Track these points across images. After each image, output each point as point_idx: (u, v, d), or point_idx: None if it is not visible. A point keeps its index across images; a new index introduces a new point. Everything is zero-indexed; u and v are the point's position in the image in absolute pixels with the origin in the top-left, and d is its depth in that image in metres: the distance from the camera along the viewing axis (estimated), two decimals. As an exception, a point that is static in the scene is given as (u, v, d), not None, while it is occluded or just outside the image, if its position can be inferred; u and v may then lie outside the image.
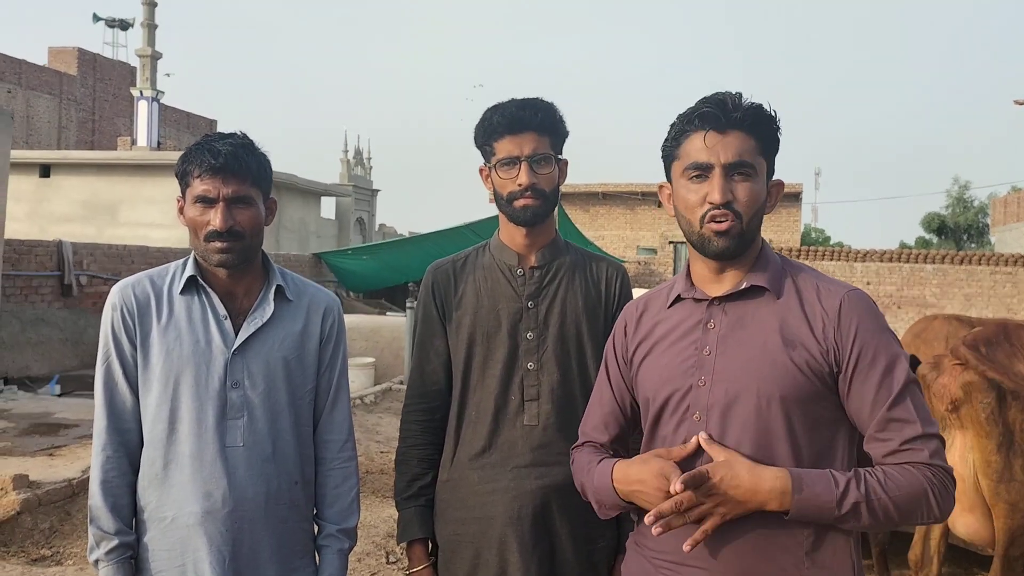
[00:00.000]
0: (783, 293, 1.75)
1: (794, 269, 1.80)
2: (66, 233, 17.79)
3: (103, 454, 2.04)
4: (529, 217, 2.20)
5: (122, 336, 2.07)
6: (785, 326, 1.71)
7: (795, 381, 1.67)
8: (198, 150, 2.04)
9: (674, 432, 1.77)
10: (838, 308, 1.70)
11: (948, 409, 3.65)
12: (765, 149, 1.75)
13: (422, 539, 2.26)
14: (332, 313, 2.24)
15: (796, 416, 1.68)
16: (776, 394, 1.67)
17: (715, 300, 1.79)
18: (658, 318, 1.88)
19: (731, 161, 1.71)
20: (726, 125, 1.72)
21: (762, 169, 1.75)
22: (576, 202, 31.01)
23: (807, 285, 1.76)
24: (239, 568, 2.03)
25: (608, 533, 2.22)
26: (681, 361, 1.78)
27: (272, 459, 2.08)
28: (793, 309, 1.73)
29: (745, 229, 1.72)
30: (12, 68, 32.66)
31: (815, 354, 1.68)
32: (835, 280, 1.78)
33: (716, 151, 1.71)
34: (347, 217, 28.57)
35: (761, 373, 1.69)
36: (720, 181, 1.71)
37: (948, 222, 44.92)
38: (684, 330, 1.81)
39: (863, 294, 1.74)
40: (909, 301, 20.96)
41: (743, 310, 1.76)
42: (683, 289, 1.85)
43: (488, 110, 2.23)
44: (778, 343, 1.70)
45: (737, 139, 1.71)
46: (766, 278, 1.76)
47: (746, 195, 1.72)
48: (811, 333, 1.69)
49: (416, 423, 2.30)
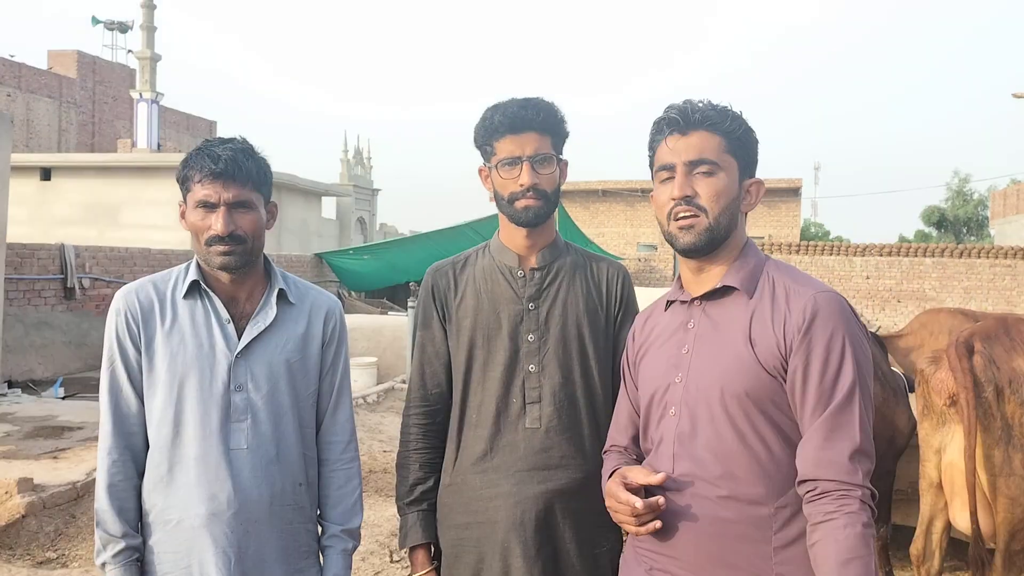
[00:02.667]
0: (755, 293, 1.80)
1: (774, 269, 1.84)
2: (68, 236, 17.82)
3: (109, 458, 2.06)
4: (531, 218, 2.19)
5: (126, 341, 2.09)
6: (754, 325, 1.76)
7: (758, 378, 1.73)
8: (198, 155, 2.06)
9: (656, 428, 1.86)
10: (803, 309, 1.72)
11: (947, 404, 3.66)
12: (732, 148, 1.81)
13: (425, 544, 2.25)
14: (334, 316, 2.26)
15: (761, 413, 1.73)
16: (740, 390, 1.73)
17: (696, 300, 1.86)
18: (655, 322, 1.98)
19: (691, 159, 1.79)
20: (687, 126, 1.80)
21: (729, 166, 1.81)
22: (576, 199, 31.00)
23: (780, 285, 1.80)
24: (245, 569, 2.05)
25: (612, 536, 2.22)
26: (665, 361, 1.87)
27: (276, 461, 2.10)
28: (763, 309, 1.78)
29: (712, 224, 1.79)
30: (12, 72, 32.63)
31: (777, 353, 1.72)
32: (811, 281, 1.81)
33: (678, 151, 1.80)
34: (348, 217, 28.59)
35: (728, 370, 1.75)
36: (681, 178, 1.79)
37: (948, 215, 44.83)
38: (671, 331, 1.90)
39: (833, 296, 1.75)
40: (909, 295, 20.98)
41: (718, 310, 1.83)
42: (673, 292, 1.95)
43: (488, 109, 2.21)
44: (744, 341, 1.75)
45: (699, 139, 1.80)
46: (740, 278, 1.81)
47: (708, 190, 1.79)
48: (773, 332, 1.73)
49: (417, 426, 2.29)
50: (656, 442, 1.85)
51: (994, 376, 3.68)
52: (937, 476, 3.77)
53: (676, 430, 1.79)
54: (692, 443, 1.77)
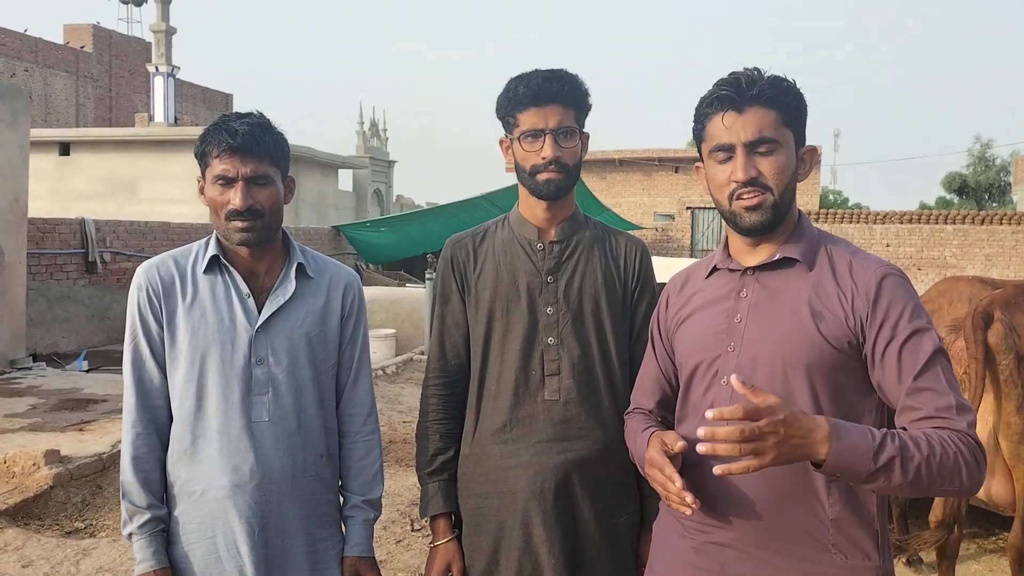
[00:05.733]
0: (815, 265, 1.78)
1: (830, 242, 1.83)
2: (87, 210, 17.96)
3: (133, 431, 2.09)
4: (552, 191, 2.19)
5: (148, 316, 2.11)
6: (815, 297, 1.74)
7: (821, 351, 1.70)
8: (216, 130, 2.07)
9: (703, 396, 1.83)
10: (869, 283, 1.71)
11: (966, 372, 3.65)
12: (789, 120, 1.77)
13: (446, 513, 2.28)
14: (352, 289, 2.27)
15: (820, 385, 1.70)
16: (801, 362, 1.71)
17: (749, 270, 1.83)
18: (696, 288, 1.94)
19: (752, 139, 1.74)
20: (743, 103, 1.74)
21: (788, 140, 1.77)
22: (593, 169, 30.85)
23: (840, 259, 1.78)
24: (268, 539, 2.09)
25: (631, 507, 2.24)
26: (713, 328, 1.84)
27: (297, 433, 2.13)
28: (825, 281, 1.75)
29: (778, 201, 1.76)
30: (29, 46, 32.75)
31: (843, 325, 1.70)
32: (871, 255, 1.80)
33: (736, 130, 1.75)
34: (364, 189, 28.61)
35: (788, 341, 1.72)
36: (743, 160, 1.74)
37: (969, 181, 44.29)
38: (718, 299, 1.87)
39: (898, 272, 1.75)
40: (929, 262, 20.81)
41: (775, 280, 1.80)
42: (720, 260, 1.91)
43: (512, 80, 2.19)
44: (807, 313, 1.73)
45: (756, 115, 1.74)
46: (799, 250, 1.79)
47: (771, 168, 1.75)
48: (840, 305, 1.71)
49: (436, 397, 2.31)
50: (703, 409, 1.79)
51: (1015, 344, 3.66)
52: (956, 444, 3.76)
53: (729, 400, 1.73)
54: None
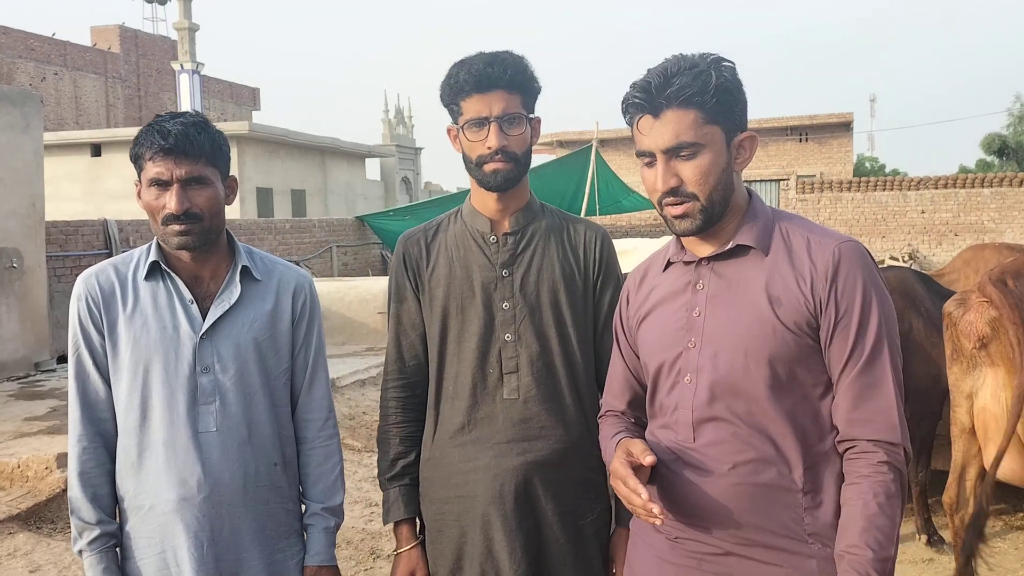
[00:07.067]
0: (771, 249, 1.70)
1: (786, 222, 1.74)
2: (121, 211, 18.11)
3: (79, 445, 2.05)
4: (500, 182, 2.09)
5: (89, 327, 2.06)
6: (772, 283, 1.67)
7: (783, 340, 1.64)
8: (148, 132, 2.00)
9: (668, 396, 1.77)
10: (826, 261, 1.64)
11: (976, 347, 3.49)
12: (713, 116, 1.65)
13: (408, 519, 2.20)
14: (303, 291, 2.20)
15: (785, 377, 1.65)
16: (764, 354, 1.64)
17: (703, 260, 1.75)
18: (654, 283, 1.87)
19: (669, 146, 1.65)
20: (658, 108, 1.64)
21: (712, 138, 1.66)
22: (619, 147, 30.50)
23: (797, 239, 1.70)
24: (218, 552, 2.02)
25: (598, 507, 2.15)
26: (673, 324, 1.77)
27: (248, 442, 2.06)
28: (781, 265, 1.68)
29: (706, 206, 1.68)
30: (57, 50, 33.14)
31: (803, 310, 1.64)
32: (829, 231, 1.72)
33: (653, 137, 1.66)
34: (392, 177, 28.63)
35: (750, 333, 1.66)
36: (662, 169, 1.66)
37: (1010, 142, 43.11)
38: (675, 293, 1.79)
39: (857, 245, 1.68)
40: (966, 228, 20.30)
41: (731, 269, 1.72)
42: (674, 252, 1.83)
43: (454, 66, 2.09)
44: (765, 302, 1.66)
45: (673, 119, 1.64)
46: (753, 236, 1.71)
47: (694, 174, 1.65)
48: (799, 289, 1.65)
49: (395, 400, 2.23)
50: (669, 409, 1.76)
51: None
52: (969, 421, 3.62)
53: (694, 398, 1.70)
54: (712, 409, 1.68)
